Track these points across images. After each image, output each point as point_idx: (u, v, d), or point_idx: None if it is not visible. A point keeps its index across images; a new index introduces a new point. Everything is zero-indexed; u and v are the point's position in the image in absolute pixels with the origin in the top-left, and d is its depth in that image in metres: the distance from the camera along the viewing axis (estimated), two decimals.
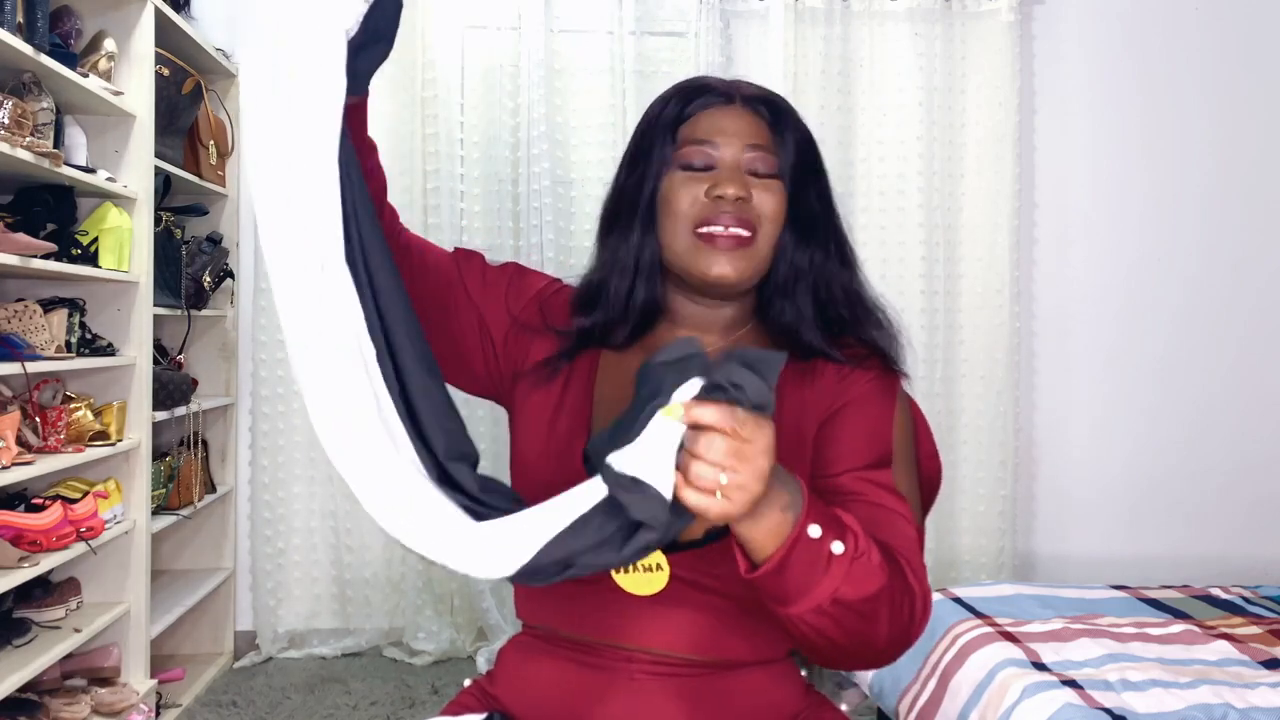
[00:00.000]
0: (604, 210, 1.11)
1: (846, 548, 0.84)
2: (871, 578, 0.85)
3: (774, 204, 1.02)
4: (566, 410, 1.06)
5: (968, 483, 3.39)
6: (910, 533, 0.96)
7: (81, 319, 2.43)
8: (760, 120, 1.05)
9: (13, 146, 2.03)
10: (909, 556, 0.92)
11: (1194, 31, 3.50)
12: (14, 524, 2.15)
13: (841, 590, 0.84)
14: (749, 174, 1.03)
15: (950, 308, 3.37)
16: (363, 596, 3.26)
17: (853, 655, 0.90)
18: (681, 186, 1.02)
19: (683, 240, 1.01)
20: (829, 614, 0.85)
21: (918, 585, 0.91)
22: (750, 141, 1.03)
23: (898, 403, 1.05)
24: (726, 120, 1.04)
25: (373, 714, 2.80)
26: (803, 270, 1.05)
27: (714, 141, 1.03)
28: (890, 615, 0.87)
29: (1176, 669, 1.90)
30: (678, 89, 1.08)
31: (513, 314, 1.11)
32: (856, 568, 0.84)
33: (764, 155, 1.03)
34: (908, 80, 3.35)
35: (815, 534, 0.82)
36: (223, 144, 3.14)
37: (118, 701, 2.41)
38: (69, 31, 2.42)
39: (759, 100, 1.06)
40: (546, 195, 3.21)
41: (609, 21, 3.26)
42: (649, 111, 1.08)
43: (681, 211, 1.01)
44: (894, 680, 2.17)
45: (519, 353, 1.10)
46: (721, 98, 1.06)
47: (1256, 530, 3.49)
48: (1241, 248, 3.52)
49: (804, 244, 1.05)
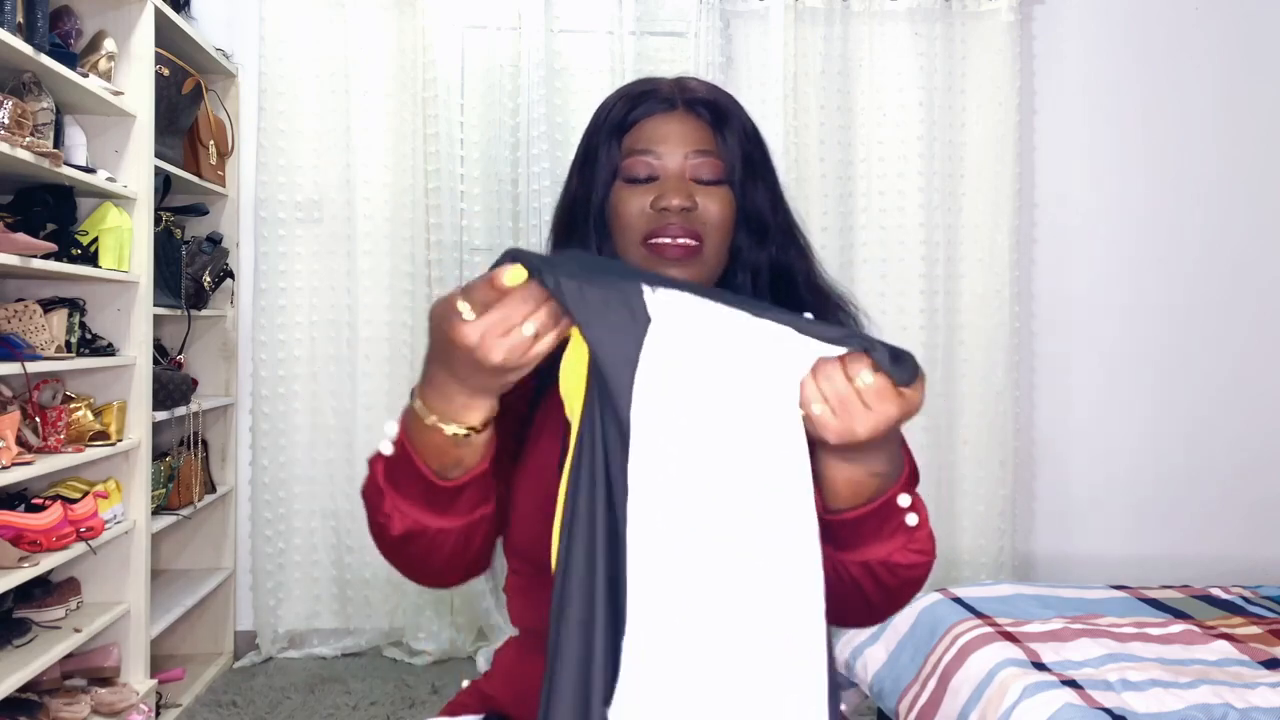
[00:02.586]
0: (556, 216, 1.10)
1: (920, 519, 0.89)
2: (923, 553, 0.91)
3: (720, 210, 1.02)
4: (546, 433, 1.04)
5: (968, 483, 3.38)
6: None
7: (81, 319, 2.43)
8: (703, 124, 1.04)
9: (13, 146, 2.03)
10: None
11: (1194, 31, 3.50)
12: (14, 524, 2.15)
13: (895, 555, 0.89)
14: (694, 180, 1.02)
15: (950, 308, 3.37)
16: (363, 596, 3.26)
17: (868, 616, 0.96)
18: (628, 199, 1.02)
19: (633, 252, 1.02)
20: (875, 572, 0.90)
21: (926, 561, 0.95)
22: (694, 148, 1.02)
23: None
24: (669, 127, 1.03)
25: (373, 714, 2.80)
26: (760, 270, 1.06)
27: (656, 151, 1.02)
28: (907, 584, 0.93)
29: (1176, 669, 1.90)
30: (622, 93, 1.08)
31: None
32: (916, 539, 0.89)
33: (708, 161, 1.03)
34: (908, 80, 3.35)
35: (904, 503, 0.87)
36: (223, 144, 3.14)
37: (118, 701, 2.41)
38: (69, 31, 2.42)
39: (701, 103, 1.05)
40: (546, 195, 3.21)
41: (609, 21, 3.26)
42: (595, 116, 1.08)
43: (630, 225, 1.02)
44: (894, 680, 2.17)
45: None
46: (664, 104, 1.05)
47: (1257, 530, 3.49)
48: (1242, 247, 3.52)
49: (758, 243, 1.06)
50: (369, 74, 3.21)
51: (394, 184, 3.25)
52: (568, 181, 1.09)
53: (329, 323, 3.25)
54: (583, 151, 1.07)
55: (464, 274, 3.27)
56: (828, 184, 3.30)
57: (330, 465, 3.25)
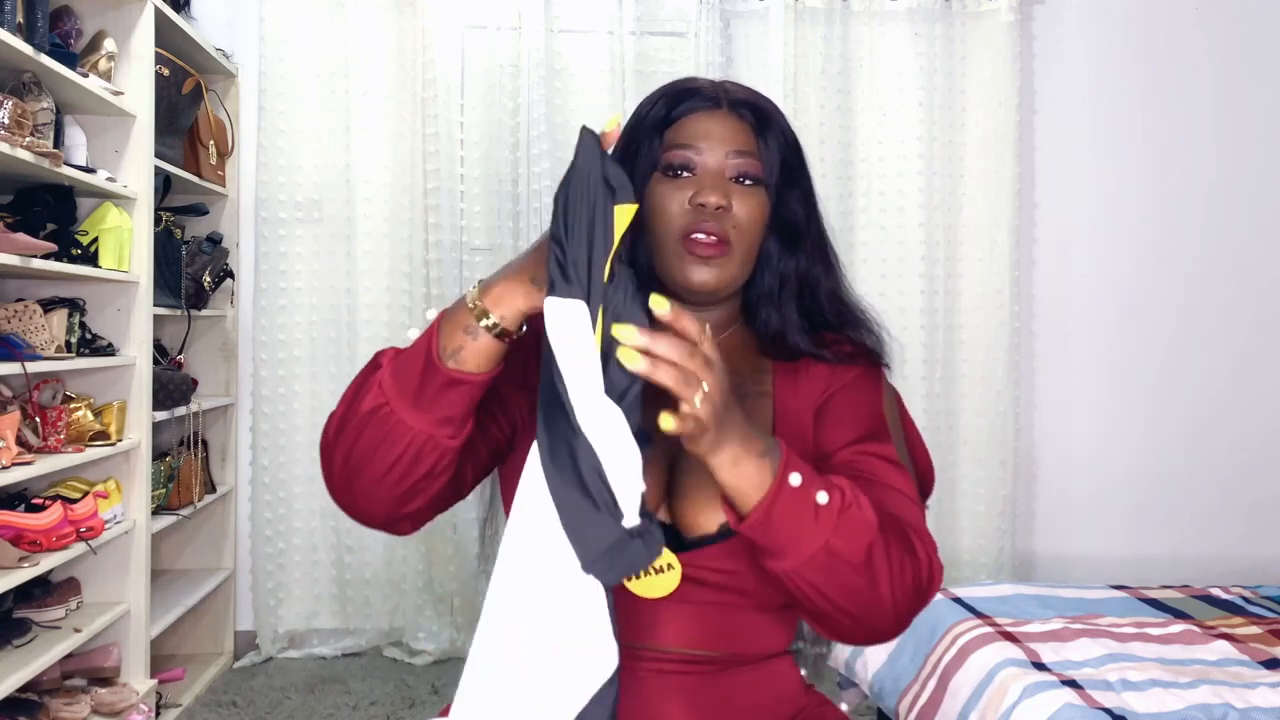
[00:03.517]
0: None
1: (832, 498, 0.86)
2: (864, 528, 0.86)
3: (753, 212, 1.03)
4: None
5: (968, 483, 3.39)
6: (912, 505, 0.97)
7: (81, 319, 2.43)
8: (745, 125, 1.05)
9: (13, 146, 2.03)
10: (911, 522, 0.94)
11: (1194, 31, 3.50)
12: (14, 524, 2.15)
13: (833, 541, 0.85)
14: (732, 179, 1.03)
15: (950, 308, 3.37)
16: (363, 596, 3.26)
17: (860, 620, 0.90)
18: (667, 194, 1.02)
19: (669, 247, 1.02)
20: (824, 568, 0.86)
21: (922, 549, 0.92)
22: (734, 147, 1.03)
23: (884, 387, 1.08)
24: (711, 124, 1.04)
25: (373, 714, 2.80)
26: (787, 277, 1.06)
27: (698, 146, 1.03)
28: (891, 575, 0.88)
29: (1176, 669, 1.90)
30: (665, 90, 1.09)
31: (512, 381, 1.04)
32: (846, 519, 0.86)
33: (747, 161, 1.03)
34: (908, 80, 3.35)
35: (796, 482, 0.84)
36: (223, 144, 3.14)
37: (118, 701, 2.41)
38: (69, 31, 2.42)
39: (745, 104, 1.07)
40: (546, 195, 3.21)
41: (609, 21, 3.26)
42: (637, 111, 1.09)
43: (669, 220, 1.02)
44: (894, 680, 2.17)
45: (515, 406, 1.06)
46: (708, 101, 1.06)
47: (1257, 530, 3.49)
48: (1242, 247, 3.51)
49: (788, 251, 1.06)
50: (369, 74, 3.21)
51: (393, 184, 3.25)
52: None
53: (329, 323, 3.25)
54: (622, 145, 1.07)
55: (464, 274, 3.27)
56: (828, 184, 3.30)
57: None
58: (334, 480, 0.93)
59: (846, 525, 0.86)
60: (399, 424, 0.88)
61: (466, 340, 0.87)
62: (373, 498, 0.92)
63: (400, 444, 0.88)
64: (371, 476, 0.90)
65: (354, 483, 0.92)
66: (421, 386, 0.87)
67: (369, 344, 3.24)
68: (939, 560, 0.94)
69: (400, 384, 0.88)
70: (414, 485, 0.90)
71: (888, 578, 0.88)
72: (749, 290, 1.08)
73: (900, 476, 0.98)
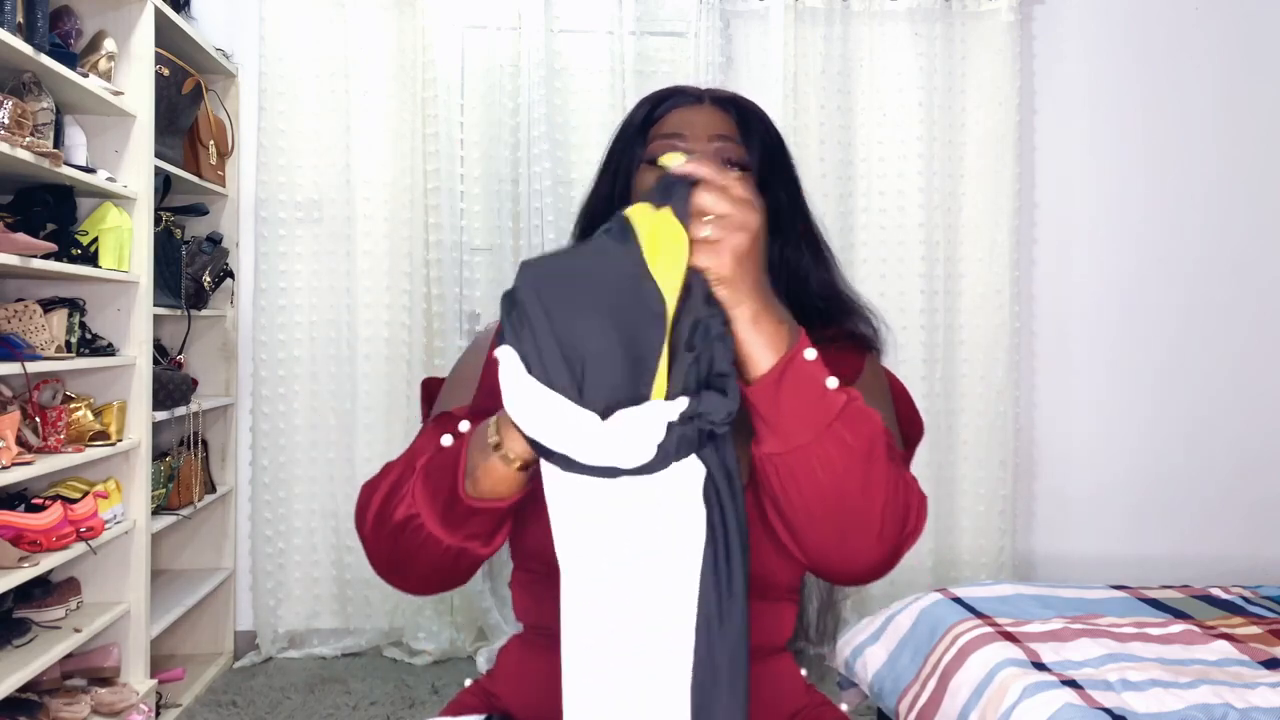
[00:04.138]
0: (581, 210, 1.14)
1: (841, 387, 0.83)
2: (868, 421, 0.83)
3: None
4: None
5: (968, 483, 3.39)
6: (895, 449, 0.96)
7: (81, 319, 2.43)
8: (727, 116, 1.07)
9: (13, 146, 2.03)
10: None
11: (1194, 31, 3.50)
12: (14, 524, 2.15)
13: (837, 426, 0.82)
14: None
15: (950, 308, 3.37)
16: (363, 596, 3.26)
17: (844, 539, 0.86)
18: (651, 179, 1.03)
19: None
20: (822, 458, 0.82)
21: (914, 484, 0.89)
22: (716, 133, 1.05)
23: (866, 364, 1.07)
24: (694, 116, 1.07)
25: (373, 714, 2.80)
26: (773, 265, 1.05)
27: (681, 134, 1.05)
28: (886, 484, 0.84)
29: (1176, 669, 1.90)
30: (650, 95, 1.12)
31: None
32: (853, 409, 0.83)
33: (730, 145, 1.05)
34: (908, 80, 3.35)
35: (811, 356, 0.82)
36: (223, 144, 3.14)
37: (118, 701, 2.41)
38: (69, 31, 2.42)
39: (728, 101, 1.09)
40: (547, 195, 3.22)
41: (609, 21, 3.26)
42: (623, 119, 1.12)
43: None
44: (894, 680, 2.17)
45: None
46: (691, 98, 1.09)
47: (1257, 530, 3.49)
48: (1242, 248, 3.52)
49: (773, 239, 1.06)
50: (369, 74, 3.21)
51: (394, 184, 3.25)
52: (595, 179, 1.12)
53: (329, 323, 3.25)
54: (609, 151, 1.10)
55: (464, 274, 3.27)
56: (828, 184, 3.30)
57: (330, 465, 3.25)
58: (380, 569, 0.97)
59: (852, 414, 0.83)
60: (430, 537, 0.89)
61: (487, 467, 0.85)
62: (420, 587, 0.98)
63: (435, 552, 0.90)
64: (416, 575, 0.95)
65: (398, 577, 0.97)
66: (449, 506, 0.87)
67: (369, 344, 3.24)
68: (925, 500, 0.90)
69: (431, 498, 0.89)
70: (456, 578, 0.95)
71: (883, 485, 0.84)
72: None
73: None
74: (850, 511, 0.84)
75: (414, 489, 0.89)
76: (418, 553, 0.91)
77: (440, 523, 0.88)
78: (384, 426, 3.25)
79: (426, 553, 0.91)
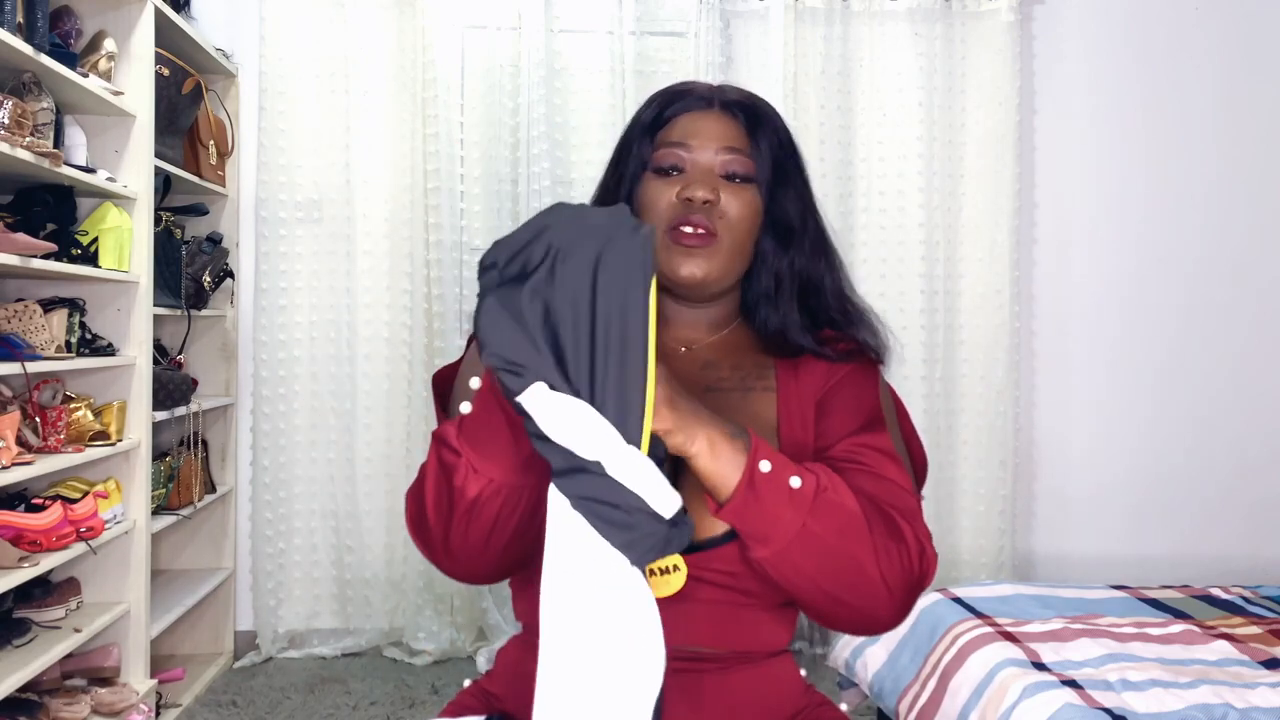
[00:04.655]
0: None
1: (806, 481, 0.88)
2: (840, 510, 0.88)
3: (743, 208, 1.04)
4: None
5: (968, 483, 3.39)
6: (906, 494, 0.98)
7: (81, 319, 2.43)
8: (737, 124, 1.06)
9: (13, 146, 2.03)
10: (900, 508, 0.94)
11: (1194, 31, 3.50)
12: (14, 524, 2.15)
13: (810, 523, 0.87)
14: (722, 176, 1.04)
15: (950, 308, 3.37)
16: (363, 596, 3.26)
17: (857, 608, 0.91)
18: (657, 190, 1.04)
19: (658, 241, 1.03)
20: (806, 551, 0.87)
21: (911, 533, 0.93)
22: (724, 144, 1.04)
23: (880, 381, 1.09)
24: (702, 123, 1.06)
25: (373, 714, 2.80)
26: (783, 276, 1.07)
27: (688, 144, 1.04)
28: (878, 558, 0.89)
29: (1176, 669, 1.90)
30: (660, 93, 1.10)
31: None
32: (822, 501, 0.88)
33: (738, 159, 1.04)
34: (908, 80, 3.35)
35: (765, 469, 0.86)
36: (223, 144, 3.14)
37: (118, 701, 2.41)
38: (69, 31, 2.42)
39: (738, 105, 1.08)
40: (547, 195, 3.21)
41: (609, 21, 3.26)
42: (633, 116, 1.11)
43: (658, 215, 1.03)
44: (894, 680, 2.17)
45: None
46: (701, 102, 1.08)
47: (1257, 530, 3.49)
48: (1242, 248, 3.52)
49: (784, 249, 1.07)
50: (369, 74, 3.21)
51: (394, 184, 3.25)
52: (602, 179, 1.12)
53: (329, 323, 3.25)
54: (617, 149, 1.10)
55: (464, 274, 3.27)
56: (828, 184, 3.30)
57: (330, 465, 3.25)
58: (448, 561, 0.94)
59: (823, 507, 0.88)
60: (513, 491, 0.87)
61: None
62: (505, 558, 0.94)
63: (523, 503, 0.89)
64: (500, 546, 0.91)
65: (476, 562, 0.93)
66: (517, 440, 0.85)
67: (369, 344, 3.24)
68: (932, 548, 0.95)
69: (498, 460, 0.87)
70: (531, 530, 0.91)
71: (874, 561, 0.89)
72: (747, 289, 1.09)
73: (895, 467, 1.00)
74: (852, 587, 0.90)
75: (472, 463, 0.87)
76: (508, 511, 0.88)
77: (520, 469, 0.86)
78: (384, 426, 3.25)
79: (518, 504, 0.88)
